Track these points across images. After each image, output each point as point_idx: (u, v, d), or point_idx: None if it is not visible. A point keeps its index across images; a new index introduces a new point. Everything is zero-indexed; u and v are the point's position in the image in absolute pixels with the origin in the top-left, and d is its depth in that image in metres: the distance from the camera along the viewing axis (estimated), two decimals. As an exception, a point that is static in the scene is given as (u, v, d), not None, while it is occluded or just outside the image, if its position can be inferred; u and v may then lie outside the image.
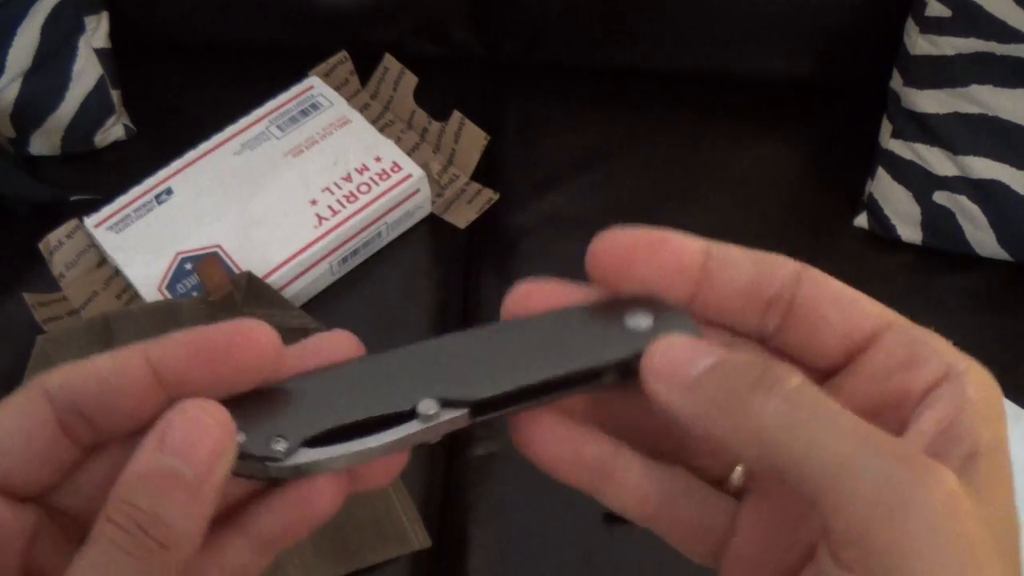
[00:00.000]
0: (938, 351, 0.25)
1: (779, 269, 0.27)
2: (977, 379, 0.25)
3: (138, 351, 0.25)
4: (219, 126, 0.90)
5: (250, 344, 0.25)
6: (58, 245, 0.84)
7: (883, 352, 0.26)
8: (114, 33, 0.94)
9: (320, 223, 0.85)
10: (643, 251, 0.27)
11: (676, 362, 0.25)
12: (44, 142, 0.92)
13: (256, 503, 0.26)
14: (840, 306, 0.26)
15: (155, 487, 0.23)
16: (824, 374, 0.27)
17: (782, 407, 0.23)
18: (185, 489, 0.23)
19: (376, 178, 0.87)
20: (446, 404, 0.26)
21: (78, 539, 0.24)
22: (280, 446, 0.25)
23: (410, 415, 0.26)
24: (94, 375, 0.25)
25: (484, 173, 0.94)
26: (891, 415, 0.25)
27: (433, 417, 0.26)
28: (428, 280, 0.89)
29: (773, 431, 0.23)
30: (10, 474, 0.25)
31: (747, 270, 0.27)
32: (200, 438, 0.24)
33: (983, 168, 0.84)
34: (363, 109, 0.95)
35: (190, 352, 0.25)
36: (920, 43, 0.84)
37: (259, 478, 0.26)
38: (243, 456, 0.25)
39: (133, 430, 0.25)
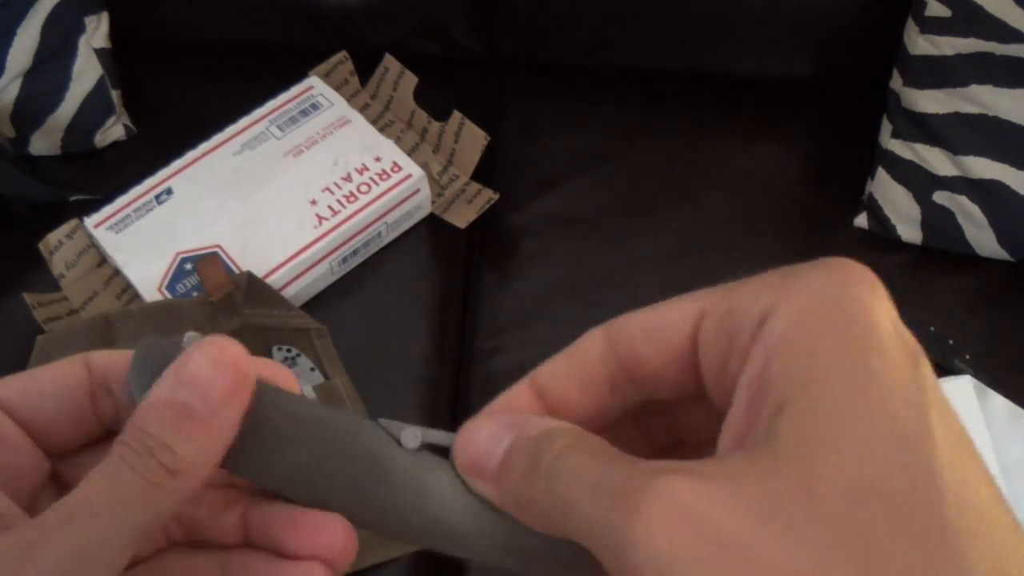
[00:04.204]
0: (747, 308, 0.22)
1: (589, 347, 0.26)
2: (793, 306, 0.21)
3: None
4: (219, 126, 0.90)
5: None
6: (58, 245, 0.84)
7: (706, 353, 0.24)
8: (114, 33, 0.94)
9: (320, 223, 0.85)
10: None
11: (477, 455, 0.25)
12: (44, 142, 0.92)
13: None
14: (649, 337, 0.25)
15: (167, 417, 0.24)
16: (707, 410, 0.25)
17: (546, 486, 0.23)
18: (195, 422, 0.24)
19: (376, 178, 0.87)
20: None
21: None
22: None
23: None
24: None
25: (484, 173, 0.94)
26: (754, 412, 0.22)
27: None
28: (428, 280, 0.89)
29: (551, 511, 0.23)
30: (43, 421, 0.27)
31: (567, 372, 0.26)
32: (215, 376, 0.25)
33: (983, 168, 0.84)
34: (363, 109, 0.95)
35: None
36: (920, 43, 0.84)
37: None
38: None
39: None
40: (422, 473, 0.26)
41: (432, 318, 0.87)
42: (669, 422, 0.28)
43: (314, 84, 0.93)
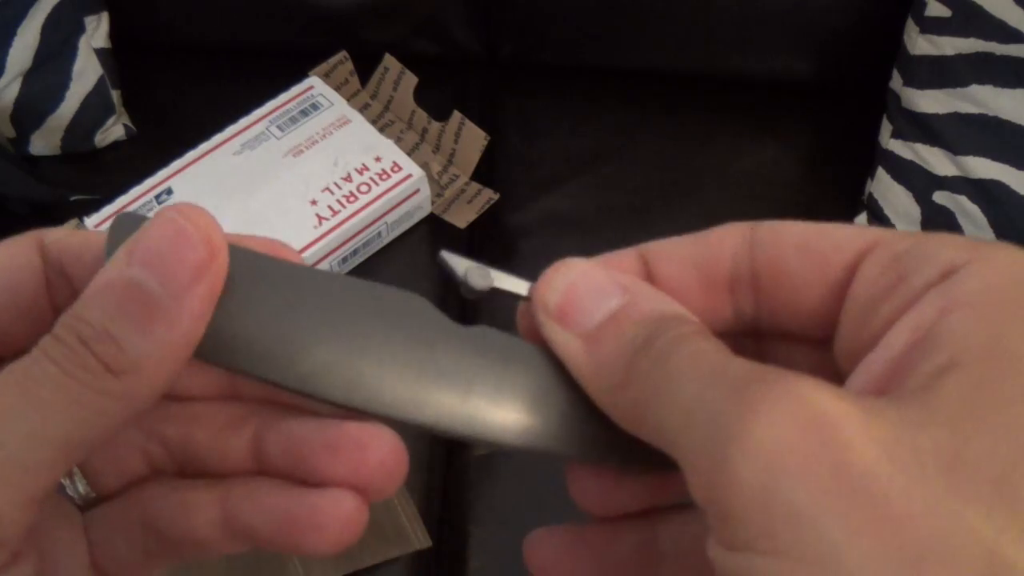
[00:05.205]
0: (933, 254, 0.20)
1: (724, 238, 0.23)
2: (989, 270, 0.19)
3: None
4: (219, 126, 0.90)
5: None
6: (58, 245, 0.84)
7: (864, 284, 0.21)
8: (114, 33, 0.94)
9: (320, 223, 0.85)
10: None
11: (572, 302, 0.22)
12: (44, 142, 0.92)
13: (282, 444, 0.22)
14: (803, 250, 0.22)
15: (113, 300, 0.19)
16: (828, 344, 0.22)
17: (651, 364, 0.19)
18: (151, 307, 0.19)
19: (376, 178, 0.87)
20: None
21: None
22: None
23: None
24: (91, 242, 0.22)
25: (484, 173, 0.94)
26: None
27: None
28: (428, 280, 0.89)
29: (646, 393, 0.19)
30: None
31: (687, 255, 0.23)
32: (178, 250, 0.20)
33: (983, 168, 0.84)
34: (363, 109, 0.95)
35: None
36: (920, 43, 0.84)
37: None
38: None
39: None
40: (473, 359, 0.22)
41: (432, 318, 0.87)
42: (760, 354, 0.24)
43: (314, 84, 0.93)
